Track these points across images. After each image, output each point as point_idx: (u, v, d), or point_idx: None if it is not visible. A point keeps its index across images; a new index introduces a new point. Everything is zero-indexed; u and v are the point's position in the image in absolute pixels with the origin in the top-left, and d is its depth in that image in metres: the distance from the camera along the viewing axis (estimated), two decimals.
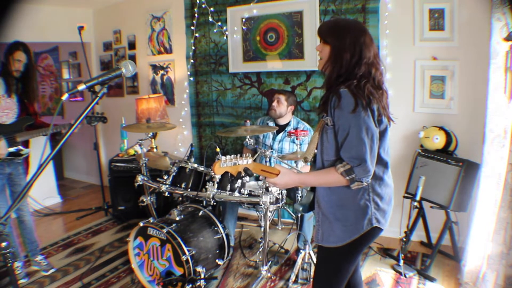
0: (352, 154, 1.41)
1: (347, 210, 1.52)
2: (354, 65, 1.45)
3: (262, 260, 2.64)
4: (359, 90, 1.40)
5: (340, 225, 1.52)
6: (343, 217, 1.52)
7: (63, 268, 2.97)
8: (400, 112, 3.14)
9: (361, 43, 1.46)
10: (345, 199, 1.51)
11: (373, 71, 1.47)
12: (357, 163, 1.40)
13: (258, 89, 3.74)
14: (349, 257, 1.58)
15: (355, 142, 1.40)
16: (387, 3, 3.05)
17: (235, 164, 1.51)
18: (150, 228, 2.43)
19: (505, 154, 2.18)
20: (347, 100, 1.40)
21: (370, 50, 1.48)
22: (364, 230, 1.50)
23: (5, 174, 2.68)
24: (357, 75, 1.44)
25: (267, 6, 3.53)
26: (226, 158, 1.49)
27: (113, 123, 4.83)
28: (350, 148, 1.41)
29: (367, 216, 1.49)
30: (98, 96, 1.31)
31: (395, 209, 3.14)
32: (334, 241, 1.54)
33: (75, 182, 5.58)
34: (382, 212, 1.52)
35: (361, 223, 1.50)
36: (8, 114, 2.64)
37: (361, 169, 1.40)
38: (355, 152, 1.40)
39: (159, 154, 3.02)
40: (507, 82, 2.17)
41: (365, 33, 1.50)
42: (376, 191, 1.50)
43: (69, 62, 5.37)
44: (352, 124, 1.40)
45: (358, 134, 1.39)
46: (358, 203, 1.49)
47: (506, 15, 2.10)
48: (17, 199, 1.30)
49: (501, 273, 2.21)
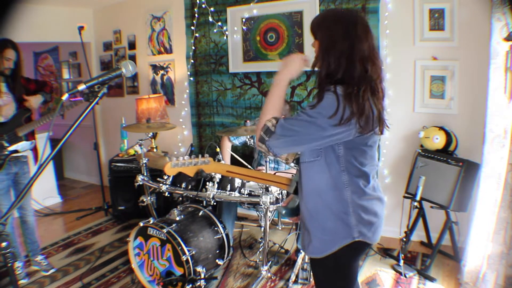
0: (277, 129, 1.32)
1: (324, 220, 1.41)
2: (346, 62, 1.30)
3: (262, 260, 2.64)
4: (353, 99, 1.25)
5: (318, 236, 1.43)
6: (320, 228, 1.42)
7: (63, 268, 2.97)
8: (400, 112, 3.15)
9: (352, 35, 1.30)
10: (322, 209, 1.41)
11: (369, 67, 1.30)
12: (269, 136, 1.33)
13: (258, 89, 3.74)
14: (336, 272, 1.46)
15: (288, 125, 1.30)
16: (387, 3, 3.05)
17: (191, 165, 1.51)
18: (150, 228, 2.43)
19: (505, 154, 2.18)
20: (328, 105, 1.26)
21: (363, 42, 1.30)
22: (344, 243, 1.38)
23: (11, 174, 2.69)
24: (354, 78, 1.29)
25: (267, 6, 3.53)
26: (178, 159, 1.49)
27: (113, 123, 4.84)
28: (284, 123, 1.31)
29: (347, 228, 1.38)
30: (98, 96, 1.31)
31: (395, 209, 3.18)
32: (313, 252, 1.45)
33: (75, 182, 5.58)
34: (367, 224, 1.39)
35: (340, 235, 1.39)
36: (7, 111, 2.64)
37: (269, 143, 1.33)
38: (280, 130, 1.31)
39: (159, 154, 3.02)
40: (507, 82, 2.17)
41: (356, 24, 1.32)
42: (357, 203, 1.37)
43: (69, 62, 5.37)
44: (308, 117, 1.28)
45: (298, 124, 1.29)
46: (337, 213, 1.38)
47: (506, 15, 2.10)
48: (18, 198, 1.30)
49: (501, 273, 2.21)
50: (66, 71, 5.45)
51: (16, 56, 2.62)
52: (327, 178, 1.39)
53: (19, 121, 2.67)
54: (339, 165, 1.37)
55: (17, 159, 2.69)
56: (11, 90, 2.68)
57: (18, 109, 2.69)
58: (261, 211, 2.74)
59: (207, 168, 1.54)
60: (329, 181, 1.39)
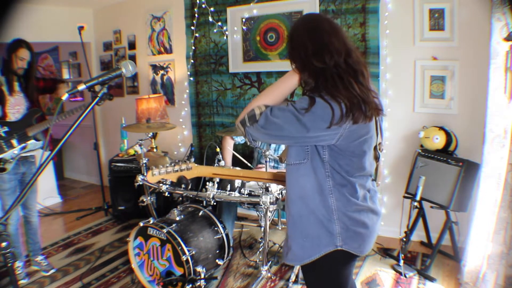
0: (260, 120, 1.30)
1: (306, 226, 1.36)
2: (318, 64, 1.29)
3: (262, 260, 2.63)
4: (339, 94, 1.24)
5: (298, 242, 1.39)
6: (301, 234, 1.38)
7: (63, 268, 2.97)
8: (400, 112, 3.15)
9: (318, 34, 1.30)
10: (306, 214, 1.37)
11: (346, 58, 1.30)
12: (251, 123, 1.31)
13: (258, 89, 3.74)
14: (322, 278, 1.42)
15: (273, 117, 1.28)
16: (387, 3, 3.05)
17: (173, 172, 1.53)
18: (150, 228, 2.43)
19: (505, 154, 2.18)
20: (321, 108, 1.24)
21: (332, 37, 1.29)
22: (326, 251, 1.34)
23: (18, 174, 2.69)
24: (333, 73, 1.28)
25: (267, 6, 3.53)
26: (159, 167, 1.51)
27: (113, 123, 4.84)
28: (269, 115, 1.29)
29: (330, 236, 1.34)
30: (98, 96, 1.31)
31: (395, 209, 3.18)
32: (292, 259, 1.42)
33: (75, 182, 5.58)
34: (354, 235, 1.34)
35: (322, 242, 1.35)
36: (19, 110, 2.65)
37: (249, 129, 1.32)
38: (263, 122, 1.29)
39: (159, 154, 3.02)
40: (507, 82, 2.17)
41: (318, 27, 1.31)
42: (342, 211, 1.34)
43: (69, 62, 5.37)
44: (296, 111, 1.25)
45: (284, 117, 1.26)
46: (321, 219, 1.34)
47: (506, 15, 2.10)
48: (18, 198, 1.30)
49: (501, 273, 2.21)
50: (66, 71, 5.45)
51: (30, 56, 2.63)
52: (312, 182, 1.36)
53: (30, 121, 2.67)
54: (324, 170, 1.34)
55: (25, 159, 2.70)
56: (23, 90, 2.69)
57: (29, 109, 2.69)
58: (261, 211, 2.73)
59: (190, 173, 1.55)
60: (314, 185, 1.35)
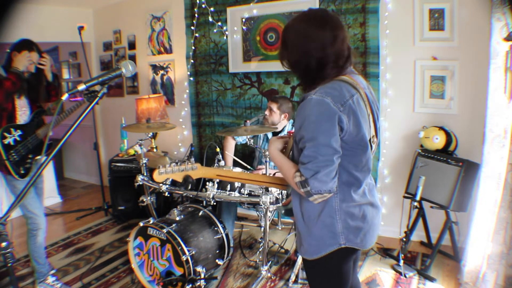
0: (306, 165, 1.26)
1: (311, 225, 1.40)
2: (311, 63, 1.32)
3: (262, 260, 2.64)
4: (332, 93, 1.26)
5: (307, 240, 1.43)
6: (309, 232, 1.42)
7: (63, 268, 2.97)
8: (400, 112, 3.15)
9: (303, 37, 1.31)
10: (311, 216, 1.40)
11: (340, 62, 1.32)
12: (311, 174, 1.25)
13: (258, 89, 3.74)
14: (326, 274, 1.46)
15: (311, 151, 1.26)
16: (387, 3, 3.05)
17: (179, 171, 1.53)
18: (150, 228, 2.43)
19: (505, 154, 2.18)
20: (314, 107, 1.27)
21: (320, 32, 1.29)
22: (330, 249, 1.38)
23: (30, 176, 2.66)
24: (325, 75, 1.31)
25: (267, 6, 3.53)
26: (166, 166, 1.50)
27: (113, 123, 4.84)
28: (305, 157, 1.27)
29: (333, 236, 1.37)
30: (98, 96, 1.31)
31: (395, 209, 3.18)
32: (305, 253, 1.46)
33: (75, 182, 5.58)
34: (354, 230, 1.37)
35: (326, 242, 1.38)
36: (25, 112, 2.58)
37: (315, 181, 1.24)
38: (310, 162, 1.26)
39: (159, 154, 3.02)
40: (507, 82, 2.17)
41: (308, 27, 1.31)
42: (344, 210, 1.35)
43: (69, 62, 5.37)
44: (311, 132, 1.27)
45: (316, 143, 1.26)
46: (323, 219, 1.37)
47: (506, 15, 2.10)
48: (17, 198, 1.30)
49: (501, 273, 2.21)
50: (66, 71, 5.46)
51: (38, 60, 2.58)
52: None
53: (39, 122, 2.63)
54: None
55: (37, 161, 2.66)
56: (23, 94, 2.58)
57: (32, 110, 2.62)
58: (261, 211, 2.74)
59: (195, 173, 1.55)
60: None
